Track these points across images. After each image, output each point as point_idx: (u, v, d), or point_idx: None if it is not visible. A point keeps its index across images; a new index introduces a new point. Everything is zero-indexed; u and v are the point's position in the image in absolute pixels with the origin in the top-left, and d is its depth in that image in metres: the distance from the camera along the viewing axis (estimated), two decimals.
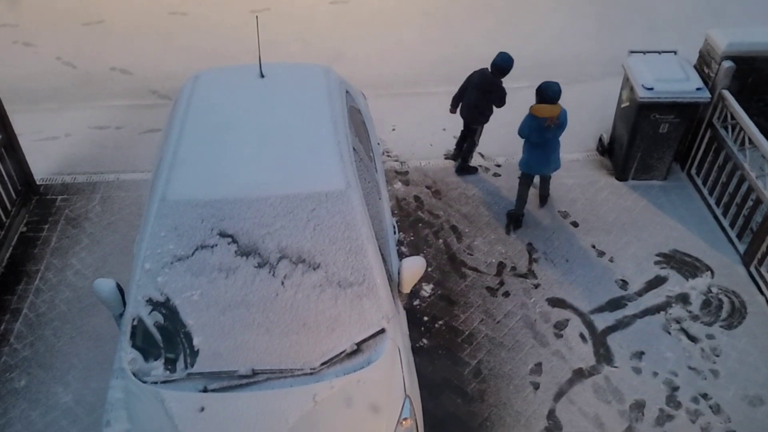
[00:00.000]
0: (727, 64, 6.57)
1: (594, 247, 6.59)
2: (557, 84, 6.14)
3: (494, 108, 6.98)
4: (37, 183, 7.08)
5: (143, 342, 4.28)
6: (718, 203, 6.86)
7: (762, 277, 6.14)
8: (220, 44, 9.33)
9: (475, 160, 7.61)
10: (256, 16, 6.16)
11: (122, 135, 7.96)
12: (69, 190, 7.14)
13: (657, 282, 6.26)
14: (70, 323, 5.82)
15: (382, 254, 4.68)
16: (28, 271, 6.26)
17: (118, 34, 9.74)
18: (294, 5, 10.41)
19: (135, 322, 4.32)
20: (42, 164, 7.31)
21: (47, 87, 8.69)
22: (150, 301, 4.34)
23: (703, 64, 6.92)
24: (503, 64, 6.65)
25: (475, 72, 6.90)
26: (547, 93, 6.10)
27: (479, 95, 6.85)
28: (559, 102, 6.18)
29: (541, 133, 6.27)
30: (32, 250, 6.45)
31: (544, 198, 7.04)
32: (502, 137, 7.81)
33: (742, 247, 6.47)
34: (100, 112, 8.26)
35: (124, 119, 8.17)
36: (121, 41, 9.56)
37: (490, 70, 6.75)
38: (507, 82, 6.95)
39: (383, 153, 7.64)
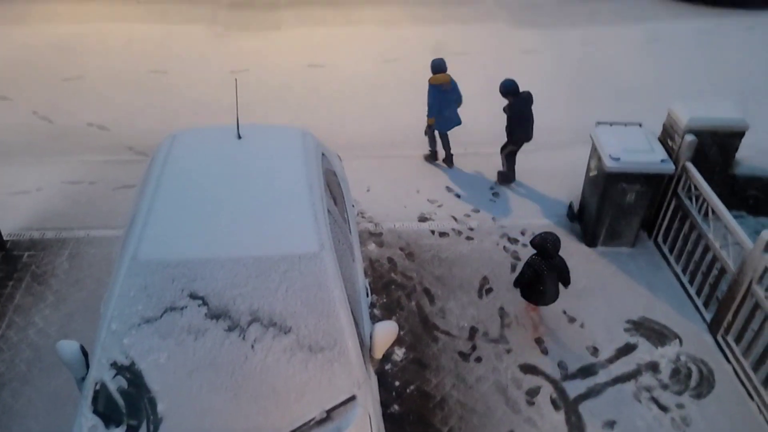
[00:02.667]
0: (690, 137, 6.81)
1: (565, 312, 6.63)
2: (440, 59, 8.22)
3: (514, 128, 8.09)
4: (4, 238, 6.96)
5: (105, 407, 4.15)
6: (684, 271, 6.99)
7: (729, 345, 6.22)
8: (198, 103, 9.43)
9: (448, 224, 7.70)
10: (235, 79, 6.28)
11: (95, 190, 7.91)
12: (37, 245, 7.02)
13: (627, 349, 6.29)
14: (29, 384, 5.64)
15: (354, 317, 4.65)
16: None
17: (97, 90, 9.80)
18: (272, 67, 10.62)
19: (97, 387, 4.20)
20: (11, 219, 7.20)
21: (22, 141, 8.66)
22: (114, 364, 4.23)
23: (667, 136, 7.16)
24: (503, 87, 7.94)
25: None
26: (434, 64, 8.18)
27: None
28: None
29: (445, 98, 8.15)
30: None
31: (450, 157, 8.65)
32: (477, 194, 7.95)
33: (708, 316, 6.56)
34: (74, 167, 8.23)
35: (99, 175, 8.14)
36: (100, 97, 9.62)
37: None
38: (480, 149, 7.07)
39: (358, 214, 7.69)
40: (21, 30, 11.20)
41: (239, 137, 5.61)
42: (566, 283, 6.21)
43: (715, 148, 7.01)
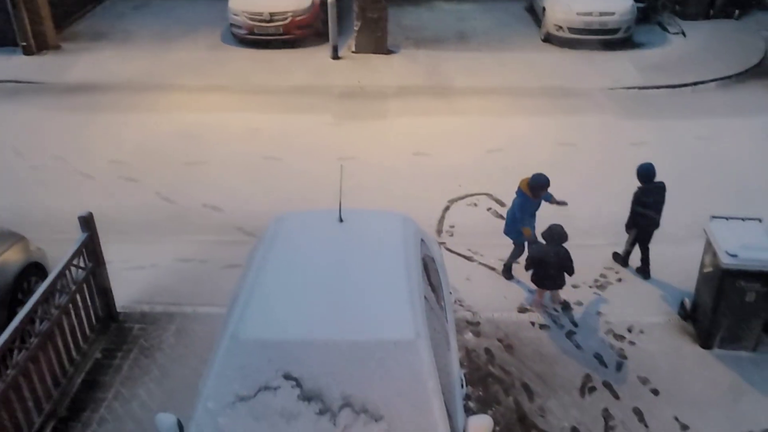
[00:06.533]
0: None
1: (677, 419, 6.13)
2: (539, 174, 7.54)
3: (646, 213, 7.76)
4: (118, 310, 7.35)
5: None
6: None
7: None
8: (306, 188, 9.81)
9: (550, 315, 7.45)
10: (341, 165, 6.51)
11: (205, 269, 8.28)
12: (146, 319, 7.37)
13: None
14: None
15: (447, 409, 4.51)
16: (96, 398, 6.35)
17: (215, 174, 10.43)
18: (379, 155, 10.94)
19: None
20: (125, 292, 7.61)
21: (143, 219, 9.28)
22: None
23: None
24: (645, 171, 7.68)
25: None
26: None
27: None
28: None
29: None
30: (103, 378, 6.58)
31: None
32: (581, 287, 7.68)
33: None
34: (187, 246, 8.68)
35: (209, 253, 8.53)
36: (216, 181, 10.22)
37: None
38: (585, 240, 6.87)
39: (455, 302, 7.58)
40: (152, 117, 12.22)
41: (341, 221, 5.75)
42: (570, 271, 7.19)
43: None
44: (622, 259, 8.21)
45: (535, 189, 7.43)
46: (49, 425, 6.02)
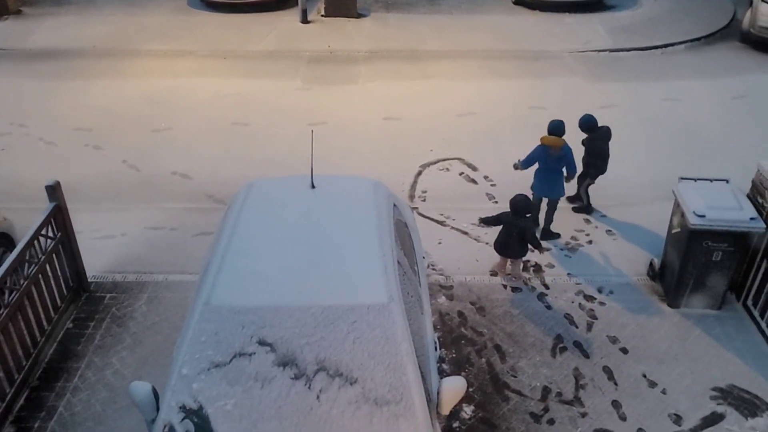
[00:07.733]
0: None
1: (645, 376, 6.29)
2: (560, 120, 7.68)
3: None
4: (89, 280, 7.26)
5: None
6: None
7: None
8: (277, 154, 9.72)
9: (521, 279, 7.54)
10: (311, 130, 6.44)
11: (175, 236, 8.19)
12: (118, 288, 7.29)
13: (714, 419, 5.87)
14: (103, 425, 5.76)
15: (421, 372, 4.56)
16: (69, 368, 6.30)
17: (183, 140, 10.27)
18: (349, 120, 10.86)
19: (166, 429, 4.25)
20: (95, 262, 7.51)
21: (111, 188, 9.12)
22: (183, 408, 4.28)
23: (757, 194, 6.82)
24: (589, 122, 8.18)
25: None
26: (550, 126, 7.67)
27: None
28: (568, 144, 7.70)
29: (547, 161, 7.68)
30: (75, 347, 6.52)
31: (545, 231, 8.05)
32: (553, 250, 7.76)
33: None
34: (156, 214, 8.57)
35: (179, 221, 8.44)
36: (184, 148, 10.06)
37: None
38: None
39: (428, 266, 7.62)
40: (119, 83, 11.95)
41: (313, 187, 5.71)
42: (532, 243, 7.09)
43: None
44: (585, 208, 8.59)
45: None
46: (22, 395, 5.97)
